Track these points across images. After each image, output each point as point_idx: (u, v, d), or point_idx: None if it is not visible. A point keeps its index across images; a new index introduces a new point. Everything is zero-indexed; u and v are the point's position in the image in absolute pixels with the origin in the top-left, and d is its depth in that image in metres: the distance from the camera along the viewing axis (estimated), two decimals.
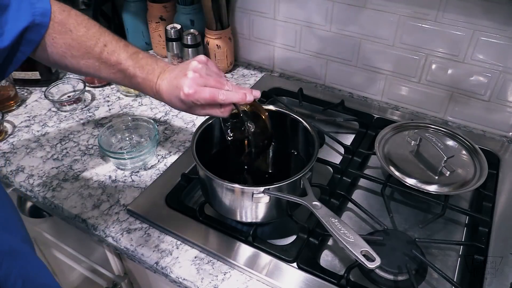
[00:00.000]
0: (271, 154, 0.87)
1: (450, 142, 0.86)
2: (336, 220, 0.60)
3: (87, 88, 1.10)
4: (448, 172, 0.79)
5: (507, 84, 0.89)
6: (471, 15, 0.84)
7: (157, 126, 0.95)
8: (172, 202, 0.77)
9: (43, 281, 0.59)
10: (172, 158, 0.89)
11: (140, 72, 0.66)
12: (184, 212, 0.75)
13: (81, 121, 1.01)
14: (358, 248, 0.57)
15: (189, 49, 1.07)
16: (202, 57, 0.66)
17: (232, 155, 0.85)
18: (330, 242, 0.74)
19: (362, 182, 0.86)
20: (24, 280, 0.56)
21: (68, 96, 1.07)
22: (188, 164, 0.85)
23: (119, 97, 1.09)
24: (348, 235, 0.58)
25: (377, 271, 0.67)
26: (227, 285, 0.66)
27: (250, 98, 0.64)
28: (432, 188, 0.77)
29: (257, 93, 0.67)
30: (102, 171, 0.87)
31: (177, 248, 0.71)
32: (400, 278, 0.66)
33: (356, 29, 0.99)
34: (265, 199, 0.66)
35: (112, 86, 1.13)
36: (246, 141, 0.71)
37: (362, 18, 0.96)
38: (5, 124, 0.99)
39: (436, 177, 0.79)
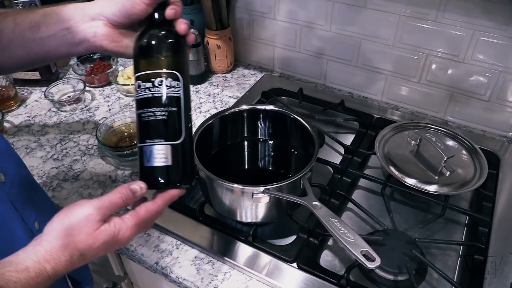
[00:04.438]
0: (271, 153, 0.87)
1: (450, 142, 0.86)
2: (336, 220, 0.60)
3: (87, 88, 1.10)
4: (448, 172, 0.79)
5: (507, 84, 0.89)
6: (471, 15, 0.84)
7: None
8: (172, 202, 0.77)
9: None
10: None
11: None
12: (184, 212, 0.75)
13: (81, 121, 1.01)
14: (358, 248, 0.57)
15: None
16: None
17: (232, 155, 0.85)
18: (330, 242, 0.74)
19: (362, 182, 0.86)
20: None
21: (68, 96, 1.07)
22: None
23: (119, 97, 1.09)
24: (348, 235, 0.58)
25: (377, 271, 0.67)
26: (227, 285, 0.66)
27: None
28: (432, 188, 0.77)
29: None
30: (102, 171, 0.87)
31: (177, 248, 0.71)
32: (400, 278, 0.66)
33: (356, 29, 0.99)
34: (265, 199, 0.66)
35: (112, 86, 1.13)
36: None
37: (362, 18, 0.96)
38: (5, 124, 0.99)
39: (436, 177, 0.79)
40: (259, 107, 0.84)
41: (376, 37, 0.97)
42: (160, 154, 0.50)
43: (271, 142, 0.86)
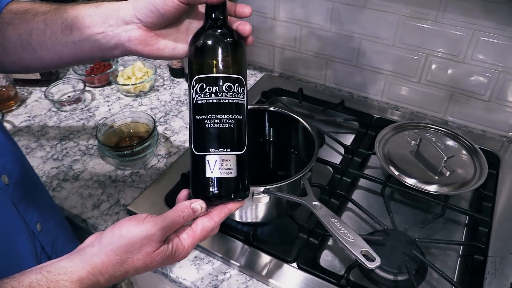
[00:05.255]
0: (271, 153, 0.87)
1: (450, 142, 0.86)
2: (336, 220, 0.60)
3: (87, 88, 1.10)
4: (448, 172, 0.79)
5: (507, 84, 0.89)
6: (471, 15, 0.84)
7: (157, 126, 0.95)
8: (172, 202, 0.76)
9: None
10: (172, 158, 0.89)
11: None
12: None
13: (81, 121, 1.01)
14: (358, 248, 0.56)
15: None
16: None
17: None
18: (330, 242, 0.74)
19: (362, 182, 0.86)
20: None
21: (68, 96, 1.07)
22: (188, 164, 0.85)
23: (119, 97, 1.09)
24: (348, 235, 0.58)
25: (377, 271, 0.67)
26: (227, 285, 0.66)
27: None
28: (432, 188, 0.77)
29: None
30: (102, 171, 0.87)
31: None
32: (400, 278, 0.66)
33: (356, 29, 0.99)
34: (265, 199, 0.66)
35: (112, 86, 1.13)
36: None
37: (362, 18, 0.96)
38: (5, 124, 0.99)
39: (436, 177, 0.79)
40: (259, 107, 0.84)
41: (376, 37, 0.97)
42: (227, 165, 0.47)
43: (271, 142, 0.86)
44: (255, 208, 0.69)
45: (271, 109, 0.82)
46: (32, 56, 0.54)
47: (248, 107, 0.81)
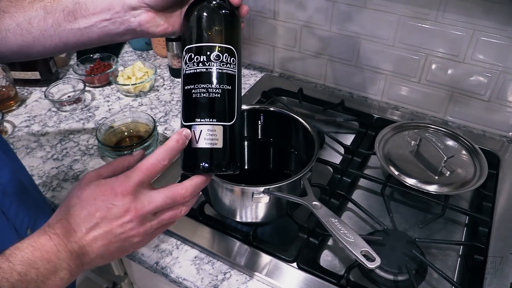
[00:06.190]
0: (271, 153, 0.87)
1: (450, 142, 0.86)
2: (336, 220, 0.60)
3: (87, 88, 1.10)
4: (448, 172, 0.79)
5: (507, 84, 0.89)
6: (471, 15, 0.84)
7: (157, 126, 0.95)
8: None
9: None
10: None
11: None
12: None
13: (81, 121, 1.01)
14: (358, 248, 0.57)
15: None
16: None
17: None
18: (330, 242, 0.74)
19: (362, 182, 0.86)
20: None
21: (68, 96, 1.07)
22: None
23: (119, 97, 1.09)
24: (348, 235, 0.58)
25: (377, 271, 0.67)
26: (227, 285, 0.66)
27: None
28: (432, 188, 0.77)
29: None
30: None
31: (177, 248, 0.71)
32: (400, 278, 0.66)
33: (356, 29, 0.99)
34: (265, 199, 0.66)
35: (112, 86, 1.13)
36: None
37: (362, 18, 0.96)
38: (5, 124, 0.99)
39: (436, 177, 0.79)
40: (259, 107, 0.84)
41: (376, 37, 0.97)
42: (212, 135, 0.46)
43: (271, 142, 0.86)
44: (255, 208, 0.69)
45: (271, 109, 0.82)
46: (34, 45, 0.53)
47: (248, 107, 0.82)
